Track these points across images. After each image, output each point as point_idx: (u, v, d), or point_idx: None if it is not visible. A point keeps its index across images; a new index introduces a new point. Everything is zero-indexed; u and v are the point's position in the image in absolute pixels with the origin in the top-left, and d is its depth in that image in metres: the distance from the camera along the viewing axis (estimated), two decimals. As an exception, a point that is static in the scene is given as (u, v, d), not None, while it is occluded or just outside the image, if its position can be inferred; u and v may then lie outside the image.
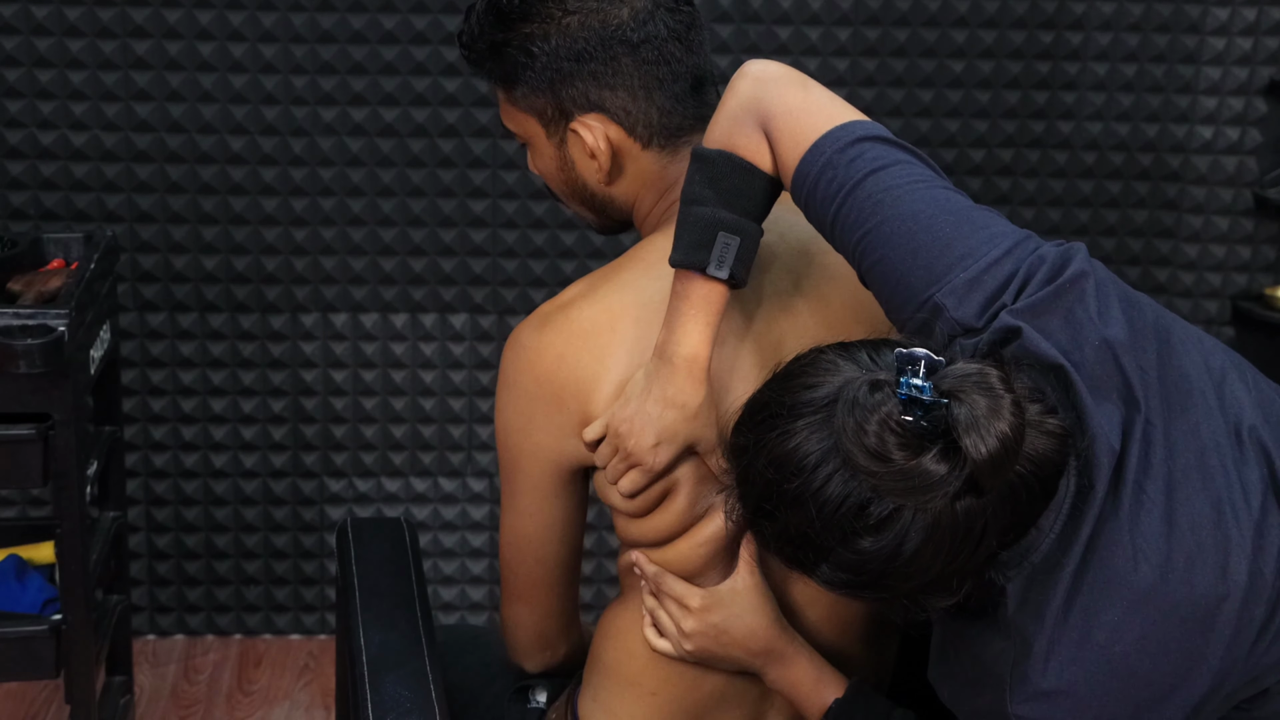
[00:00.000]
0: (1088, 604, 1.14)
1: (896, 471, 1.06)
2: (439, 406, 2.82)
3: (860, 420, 1.06)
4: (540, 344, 1.40)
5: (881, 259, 1.22)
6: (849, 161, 1.25)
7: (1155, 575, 1.14)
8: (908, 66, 2.73)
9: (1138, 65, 2.76)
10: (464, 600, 2.92)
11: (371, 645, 1.55)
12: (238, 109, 2.64)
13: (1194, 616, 1.15)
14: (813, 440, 1.09)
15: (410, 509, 2.87)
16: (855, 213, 1.24)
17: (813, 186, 1.27)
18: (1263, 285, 2.88)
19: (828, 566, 1.12)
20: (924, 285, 1.20)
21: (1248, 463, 1.20)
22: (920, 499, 1.06)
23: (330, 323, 2.77)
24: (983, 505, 1.08)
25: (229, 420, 2.80)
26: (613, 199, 1.47)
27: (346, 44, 2.63)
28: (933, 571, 1.10)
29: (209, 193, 2.68)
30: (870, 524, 1.08)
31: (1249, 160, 2.81)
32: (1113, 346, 1.17)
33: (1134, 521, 1.15)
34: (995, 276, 1.19)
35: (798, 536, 1.11)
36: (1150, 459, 1.16)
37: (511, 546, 1.50)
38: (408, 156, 2.70)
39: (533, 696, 1.63)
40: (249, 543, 2.86)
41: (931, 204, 1.23)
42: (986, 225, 1.22)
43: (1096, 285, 1.20)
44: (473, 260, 2.76)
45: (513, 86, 1.42)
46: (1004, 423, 1.06)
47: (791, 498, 1.10)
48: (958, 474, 1.05)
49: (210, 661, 2.84)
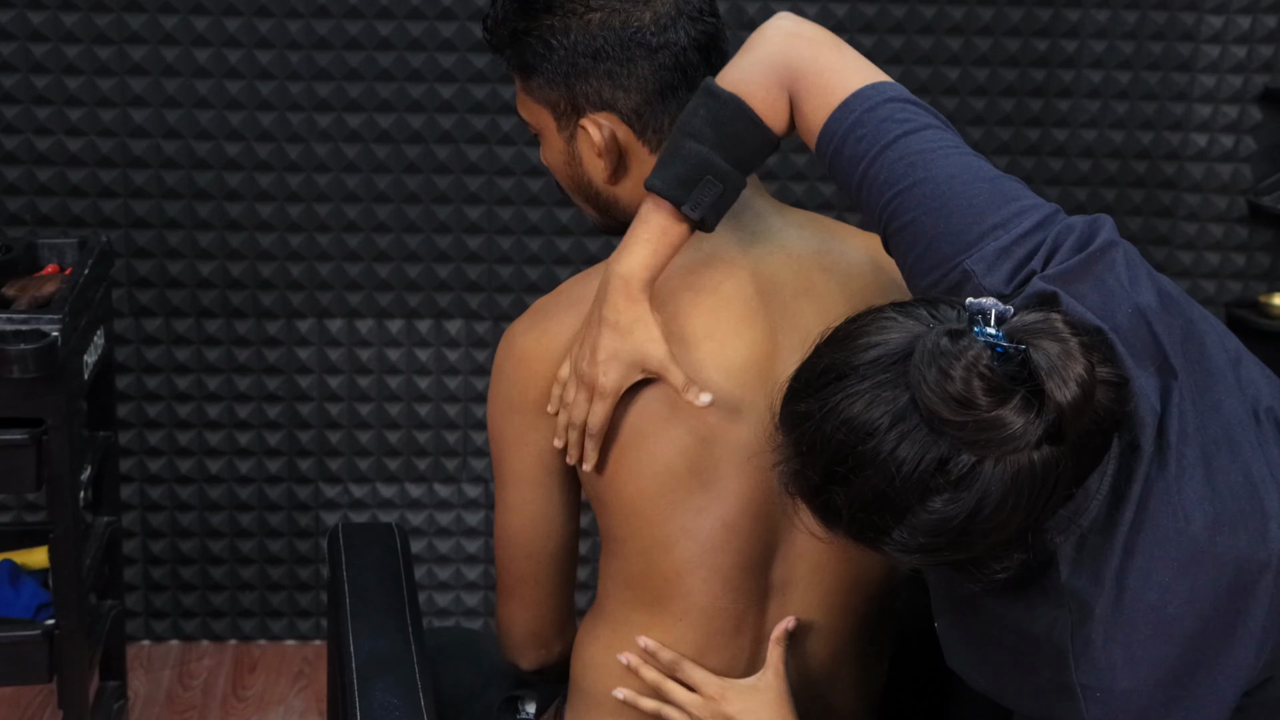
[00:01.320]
0: (1142, 565, 1.13)
1: (981, 421, 1.03)
2: (434, 412, 2.82)
3: (945, 367, 1.04)
4: (529, 330, 1.42)
5: (913, 221, 1.22)
6: (880, 121, 1.25)
7: (1204, 536, 1.13)
8: (903, 74, 2.73)
9: (1132, 72, 2.76)
10: (459, 606, 2.92)
11: (361, 652, 1.54)
12: (234, 115, 2.65)
13: (1238, 580, 1.15)
14: (886, 398, 1.06)
15: (405, 515, 2.87)
16: (886, 173, 1.23)
17: (840, 144, 1.26)
18: (1257, 292, 2.88)
19: (903, 531, 1.08)
20: (954, 251, 1.19)
21: (1267, 442, 1.20)
22: (1003, 449, 1.04)
23: (326, 328, 2.77)
24: (1058, 455, 1.06)
25: (224, 426, 2.80)
26: (616, 199, 1.47)
27: (343, 50, 2.63)
28: (1011, 527, 1.07)
29: (205, 198, 2.69)
30: (951, 480, 1.05)
31: (1243, 168, 2.81)
32: (1145, 314, 1.17)
33: (1179, 483, 1.14)
34: (1024, 246, 1.19)
35: (874, 499, 1.08)
36: (1186, 425, 1.15)
37: (503, 542, 1.50)
38: (404, 163, 2.70)
39: (522, 707, 1.63)
40: (244, 548, 2.86)
41: (965, 170, 1.22)
42: (1018, 197, 1.22)
43: (1125, 254, 1.20)
44: (468, 266, 2.76)
45: (529, 76, 1.43)
46: (1080, 366, 1.05)
47: (868, 458, 1.07)
48: (1041, 421, 1.04)
49: (205, 667, 2.84)
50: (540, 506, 1.47)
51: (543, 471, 1.45)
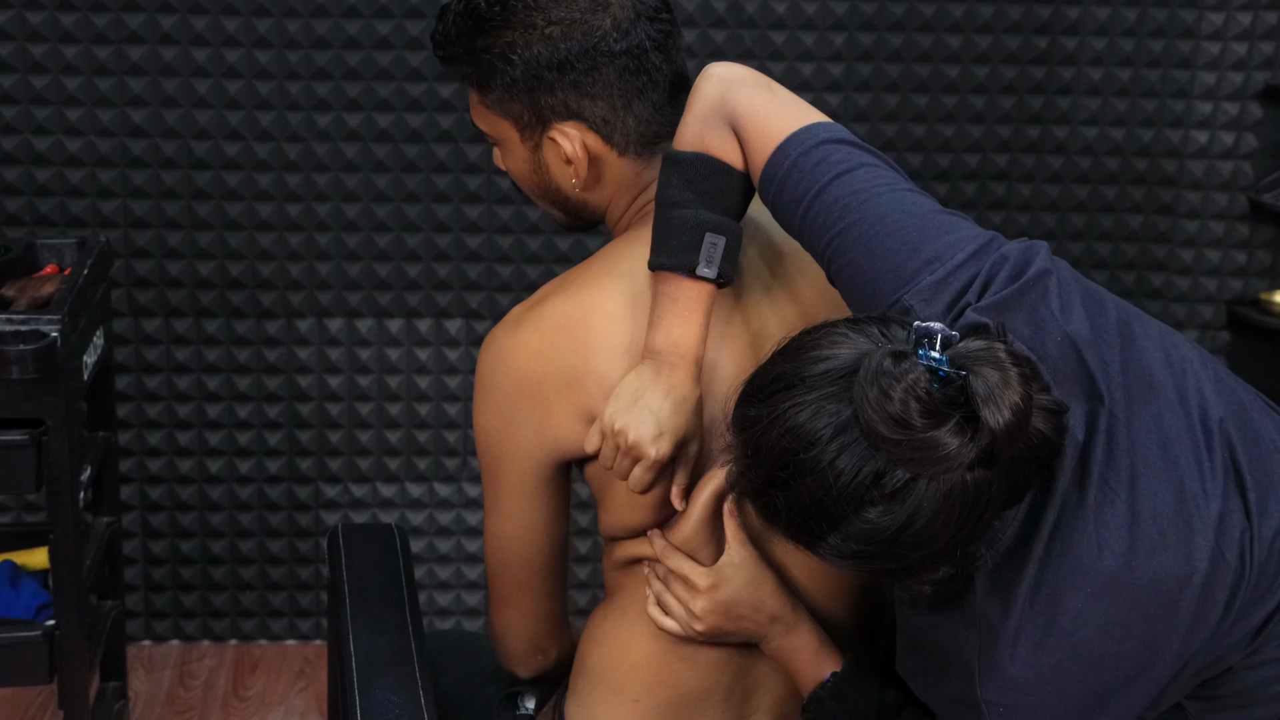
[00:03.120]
0: (1053, 591, 1.17)
1: (916, 440, 1.07)
2: (434, 412, 2.82)
3: (885, 388, 1.08)
4: (515, 343, 1.41)
5: (850, 262, 1.25)
6: (814, 164, 1.28)
7: (1119, 563, 1.17)
8: (902, 72, 2.73)
9: (1133, 70, 2.76)
10: (459, 605, 2.91)
11: (361, 652, 1.54)
12: (233, 114, 2.64)
13: (1157, 601, 1.18)
14: (829, 410, 1.11)
15: (405, 514, 2.87)
16: (823, 216, 1.27)
17: (779, 188, 1.30)
18: (1258, 290, 2.88)
19: (838, 537, 1.13)
20: (892, 288, 1.23)
21: (1213, 451, 1.22)
22: (936, 469, 1.08)
23: (326, 328, 2.77)
24: (991, 477, 1.10)
25: (224, 426, 2.80)
26: (586, 203, 1.47)
27: (341, 49, 2.63)
28: (940, 542, 1.12)
29: (204, 198, 2.69)
30: (885, 493, 1.09)
31: (1244, 165, 2.80)
32: (1075, 342, 1.20)
33: (1099, 511, 1.17)
34: (960, 278, 1.22)
35: (811, 506, 1.12)
36: (1114, 451, 1.19)
37: (496, 551, 1.50)
38: (403, 162, 2.70)
39: (521, 703, 1.63)
40: (244, 548, 2.86)
41: (898, 209, 1.26)
42: (952, 229, 1.25)
43: (1059, 283, 1.23)
44: (468, 266, 2.76)
45: (487, 90, 1.42)
46: (1016, 394, 1.09)
47: (807, 467, 1.11)
48: (974, 444, 1.08)
49: (206, 667, 2.84)
50: (534, 515, 1.47)
51: (537, 482, 1.45)
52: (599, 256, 1.45)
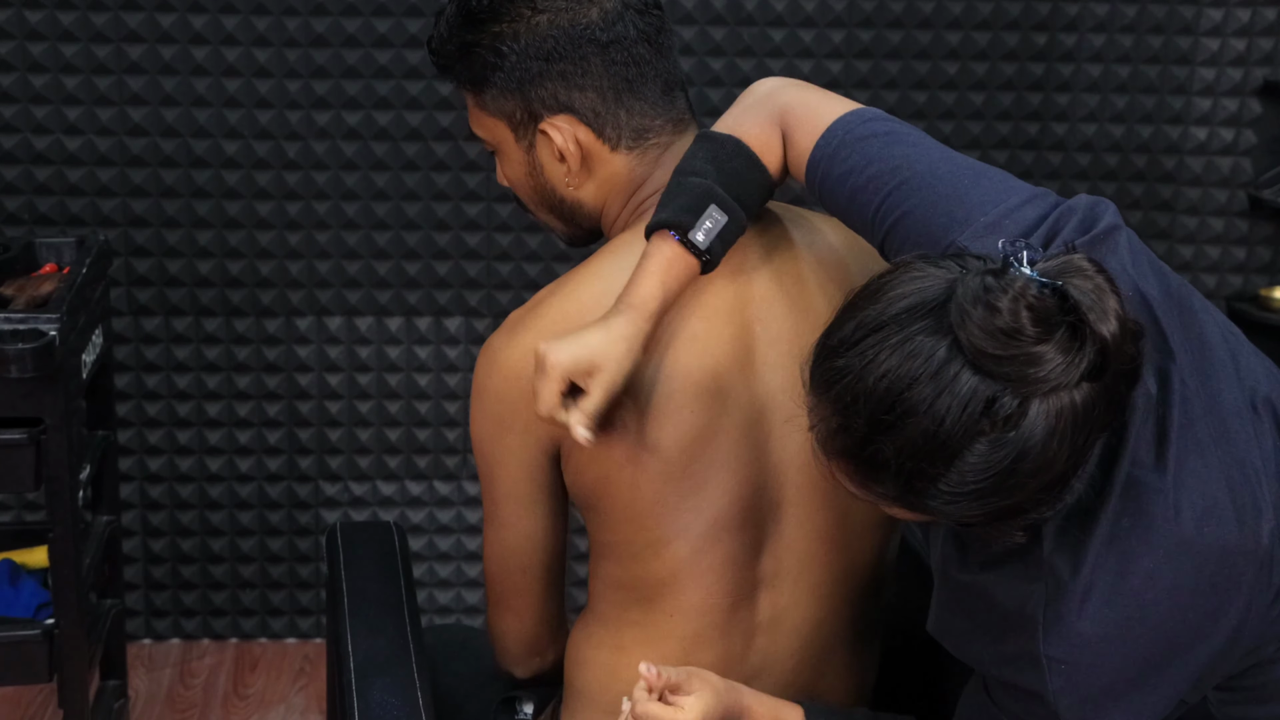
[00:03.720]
0: (1125, 549, 1.15)
1: (1027, 355, 1.04)
2: (434, 410, 2.82)
3: (992, 302, 1.05)
4: (509, 346, 1.40)
5: (904, 214, 1.25)
6: (861, 140, 1.30)
7: (1193, 527, 1.15)
8: (902, 69, 2.72)
9: (1132, 66, 2.75)
10: (460, 603, 2.92)
11: (359, 651, 1.54)
12: (232, 113, 2.64)
13: (1223, 572, 1.16)
14: (928, 345, 1.07)
15: (405, 513, 2.87)
16: (874, 182, 1.27)
17: (828, 165, 1.31)
18: (1258, 286, 2.88)
19: (954, 474, 1.08)
20: (945, 231, 1.22)
21: (1264, 433, 1.21)
22: (1047, 386, 1.05)
23: (325, 326, 2.77)
24: (1095, 395, 1.07)
25: (224, 424, 2.80)
26: (581, 204, 1.47)
27: (341, 48, 2.63)
28: (1056, 468, 1.08)
29: (203, 197, 2.69)
30: (997, 420, 1.06)
31: (1244, 161, 2.80)
32: (1148, 298, 1.18)
33: (1178, 473, 1.15)
34: (1017, 221, 1.20)
35: (923, 446, 1.08)
36: (1189, 414, 1.16)
37: (495, 557, 1.49)
38: (402, 160, 2.70)
39: (519, 708, 1.63)
40: (245, 547, 2.86)
41: (948, 162, 1.27)
42: (1005, 180, 1.26)
43: (1129, 240, 1.21)
44: (467, 264, 2.76)
45: (482, 90, 1.43)
46: (1114, 301, 1.07)
47: (914, 405, 1.07)
48: (1084, 355, 1.05)
49: (206, 665, 2.84)
50: (532, 521, 1.47)
51: (534, 488, 1.45)
52: (596, 257, 1.45)
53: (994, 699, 1.27)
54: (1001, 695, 1.26)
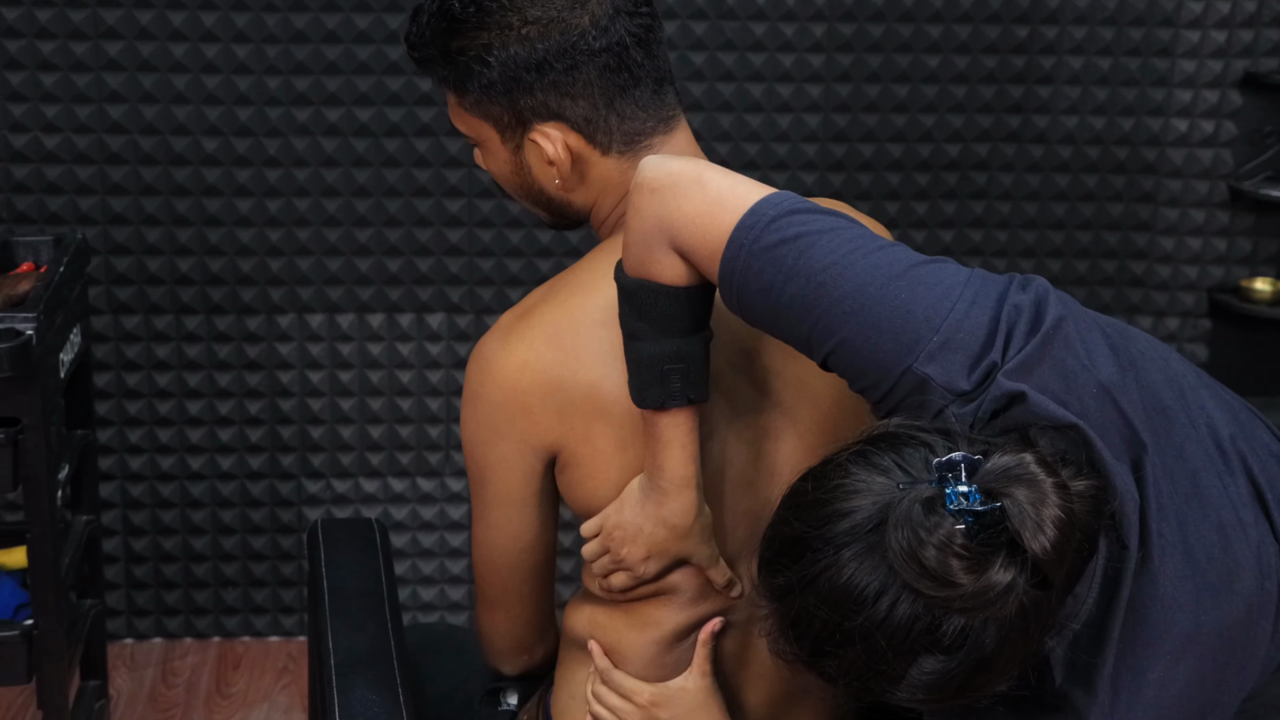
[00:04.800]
0: (1134, 665, 1.12)
1: (965, 593, 1.01)
2: (416, 406, 2.81)
3: (916, 547, 1.01)
4: (503, 353, 1.38)
5: (842, 342, 1.16)
6: (771, 248, 1.17)
7: (1190, 619, 1.12)
8: (883, 62, 2.72)
9: (1113, 59, 2.75)
10: (444, 600, 2.91)
11: (340, 648, 1.54)
12: (211, 110, 2.63)
13: (1226, 650, 1.14)
14: (865, 569, 1.04)
15: (388, 509, 2.86)
16: (799, 302, 1.17)
17: (741, 288, 1.19)
18: (1239, 277, 2.88)
19: (904, 692, 1.07)
20: (896, 358, 1.14)
21: (1234, 474, 1.18)
22: (991, 611, 1.02)
23: (306, 324, 2.76)
24: (1041, 595, 1.04)
25: (205, 423, 2.79)
26: (570, 203, 1.44)
27: (320, 44, 2.62)
28: (1013, 666, 1.07)
29: (183, 194, 2.67)
30: (945, 644, 1.04)
31: (1224, 152, 2.80)
32: (1110, 391, 1.14)
33: (1163, 568, 1.12)
34: (970, 332, 1.14)
35: (867, 670, 1.06)
36: (1161, 499, 1.13)
37: (484, 558, 1.48)
38: (383, 156, 2.69)
39: (504, 699, 1.62)
40: (227, 545, 2.85)
41: (875, 271, 1.15)
42: (939, 280, 1.16)
43: (1077, 327, 1.16)
44: (449, 259, 2.75)
45: (464, 93, 1.38)
46: (1055, 508, 1.02)
47: (855, 634, 1.04)
48: (1023, 575, 1.02)
49: (188, 664, 2.83)
50: (523, 524, 1.46)
51: (526, 493, 1.44)
52: (586, 261, 1.42)
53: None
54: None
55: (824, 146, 2.76)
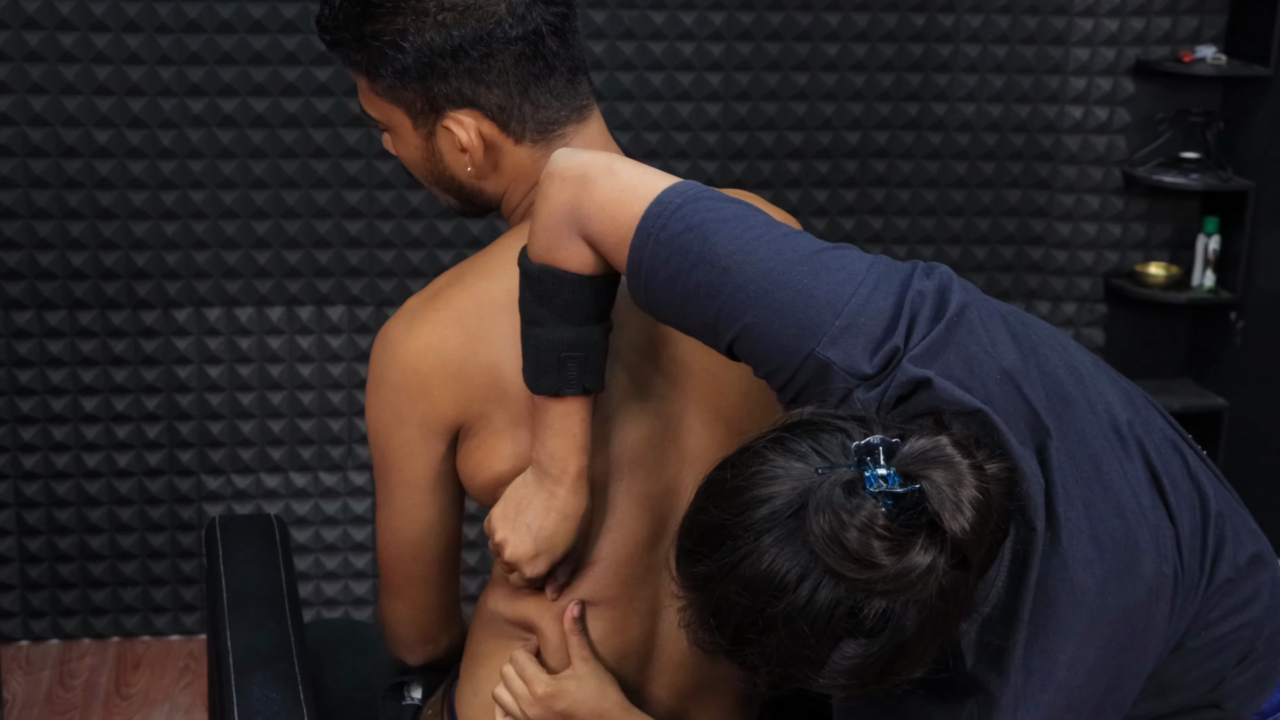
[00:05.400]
0: (1046, 646, 1.13)
1: (885, 575, 1.01)
2: (318, 400, 2.78)
3: (838, 530, 1.00)
4: (407, 337, 1.38)
5: (746, 327, 1.16)
6: (676, 236, 1.18)
7: (1097, 600, 1.13)
8: (782, 50, 2.73)
9: (1008, 47, 2.79)
10: (348, 595, 2.88)
11: (239, 646, 1.51)
12: (103, 101, 2.58)
13: (1129, 630, 1.16)
14: (786, 555, 1.03)
15: (290, 505, 2.83)
16: (704, 288, 1.17)
17: (649, 276, 1.20)
18: (1133, 262, 2.93)
19: (826, 677, 1.06)
20: (799, 342, 1.14)
21: (1132, 460, 1.20)
22: (912, 593, 1.02)
23: (204, 318, 2.72)
24: (961, 575, 1.04)
25: (102, 419, 2.74)
26: (482, 190, 1.43)
27: (214, 33, 2.58)
28: (932, 652, 1.07)
29: (75, 187, 2.62)
30: (866, 628, 1.03)
31: (1118, 139, 2.85)
32: (1013, 377, 1.15)
33: (1070, 551, 1.13)
34: (872, 317, 1.14)
35: (790, 656, 1.05)
36: (1066, 484, 1.14)
37: (388, 545, 1.47)
38: (280, 148, 2.65)
39: (408, 693, 1.61)
40: (125, 543, 2.81)
41: (778, 257, 1.16)
42: (841, 266, 1.17)
43: (980, 314, 1.17)
44: (349, 252, 2.72)
45: (377, 78, 1.37)
46: (972, 489, 1.03)
47: (777, 620, 1.04)
48: (944, 555, 1.02)
49: (86, 665, 2.78)
50: (427, 510, 1.45)
51: (430, 478, 1.43)
52: (495, 247, 1.42)
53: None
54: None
55: (724, 135, 2.76)
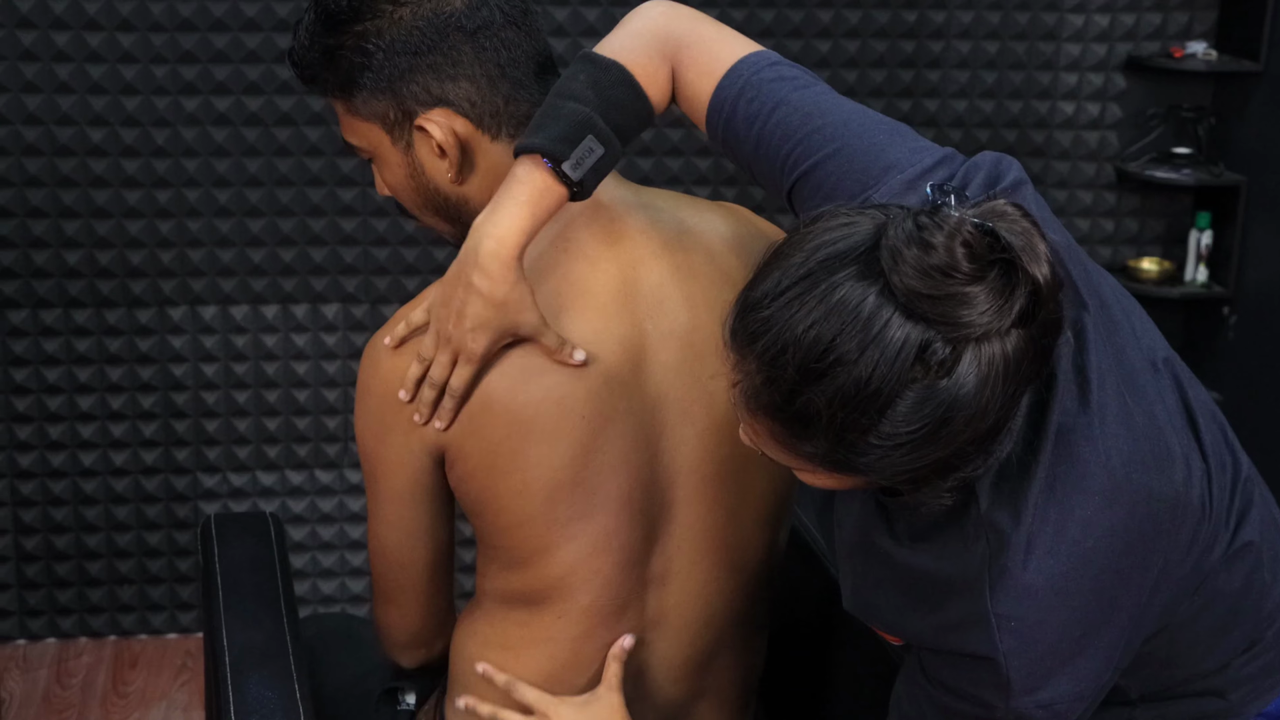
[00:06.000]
0: (1063, 497, 1.14)
1: (960, 295, 1.02)
2: (313, 398, 2.79)
3: (927, 239, 1.02)
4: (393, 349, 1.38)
5: (815, 165, 1.22)
6: (768, 82, 1.26)
7: (1122, 472, 1.15)
8: (775, 47, 2.72)
9: (1000, 43, 2.79)
10: (344, 593, 2.89)
11: (235, 645, 1.52)
12: (97, 100, 2.59)
13: (1151, 518, 1.17)
14: (858, 289, 1.03)
15: (286, 503, 2.83)
16: (783, 127, 1.24)
17: (733, 108, 1.27)
18: (1126, 257, 2.93)
19: (887, 424, 1.04)
20: (860, 187, 1.19)
21: (1166, 389, 1.22)
22: (980, 330, 1.03)
23: (199, 316, 2.72)
24: (1025, 343, 1.05)
25: (98, 418, 2.74)
26: (466, 199, 1.42)
27: (208, 32, 2.58)
28: (990, 417, 1.06)
29: (69, 186, 2.63)
30: (930, 366, 1.03)
31: (1110, 135, 2.85)
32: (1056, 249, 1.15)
33: (1102, 418, 1.15)
34: (929, 180, 1.18)
35: (854, 394, 1.04)
36: (1101, 361, 1.17)
37: (378, 552, 1.47)
38: (274, 145, 2.66)
39: (402, 698, 1.61)
40: (121, 542, 2.81)
41: (860, 114, 1.25)
42: (917, 139, 1.24)
43: (1034, 195, 1.20)
44: (344, 249, 2.73)
45: (352, 94, 1.38)
46: (1044, 245, 1.05)
47: (847, 351, 1.03)
48: (1016, 299, 1.03)
49: (84, 664, 2.78)
50: (417, 522, 1.44)
51: (417, 489, 1.42)
52: None
53: (931, 679, 1.24)
54: (944, 672, 1.23)
55: (718, 132, 2.77)
